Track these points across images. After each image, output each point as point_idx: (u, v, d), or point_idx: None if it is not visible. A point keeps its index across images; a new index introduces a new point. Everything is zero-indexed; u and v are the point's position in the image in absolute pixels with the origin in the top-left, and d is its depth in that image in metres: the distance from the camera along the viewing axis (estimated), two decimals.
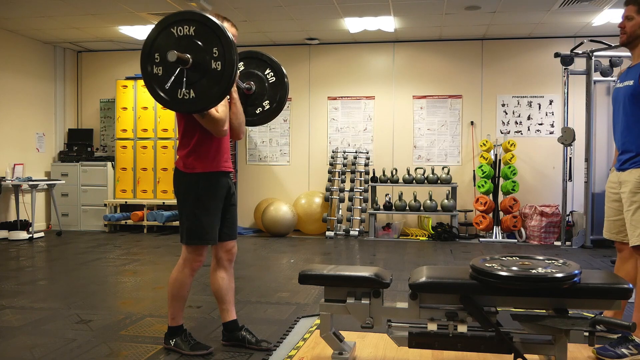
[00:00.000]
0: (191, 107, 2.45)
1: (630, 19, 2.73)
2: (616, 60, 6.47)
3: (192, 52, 2.40)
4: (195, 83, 2.41)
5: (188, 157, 2.71)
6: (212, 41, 2.39)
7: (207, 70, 2.40)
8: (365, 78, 8.06)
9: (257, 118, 3.08)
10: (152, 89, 2.46)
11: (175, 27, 2.44)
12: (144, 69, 2.47)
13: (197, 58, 2.40)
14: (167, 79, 2.41)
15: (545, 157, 7.56)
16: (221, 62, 2.38)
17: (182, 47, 2.40)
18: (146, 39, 2.48)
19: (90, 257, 5.79)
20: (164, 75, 2.43)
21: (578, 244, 6.61)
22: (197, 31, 2.41)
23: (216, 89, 2.40)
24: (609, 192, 2.90)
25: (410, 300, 2.46)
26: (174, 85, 2.42)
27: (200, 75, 2.41)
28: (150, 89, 2.47)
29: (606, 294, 2.29)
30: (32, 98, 7.94)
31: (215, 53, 2.39)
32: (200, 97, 2.42)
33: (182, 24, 2.43)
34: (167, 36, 2.44)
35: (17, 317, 3.50)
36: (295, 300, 3.96)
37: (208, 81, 2.40)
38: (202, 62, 2.40)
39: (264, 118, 3.08)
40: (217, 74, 2.39)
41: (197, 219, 2.71)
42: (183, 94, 2.42)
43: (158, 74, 2.44)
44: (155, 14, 6.61)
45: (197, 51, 2.40)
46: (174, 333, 2.85)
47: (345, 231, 7.42)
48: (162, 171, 7.86)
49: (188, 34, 2.42)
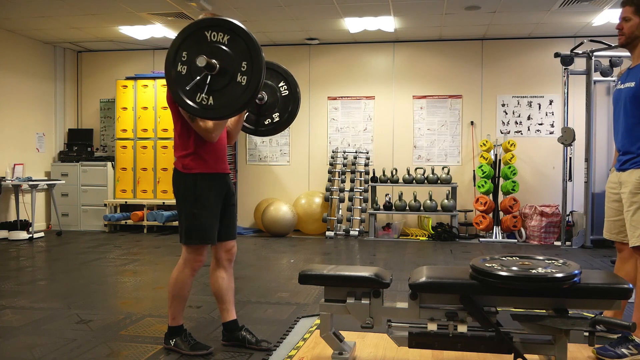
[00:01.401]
0: (205, 113, 2.43)
1: (627, 20, 2.73)
2: (616, 61, 6.47)
3: (220, 59, 2.37)
4: (216, 91, 2.39)
5: (186, 158, 2.71)
6: (243, 55, 2.37)
7: (230, 82, 2.38)
8: (365, 78, 8.06)
9: (265, 129, 3.04)
10: (173, 87, 2.43)
11: (210, 31, 2.40)
12: (169, 61, 2.43)
13: (224, 67, 2.37)
14: (189, 80, 2.39)
15: (545, 157, 7.56)
16: (247, 77, 2.36)
17: (211, 52, 2.38)
18: (179, 33, 2.46)
19: (90, 257, 5.79)
20: (187, 75, 2.41)
21: (578, 244, 6.61)
22: (231, 41, 2.38)
23: (235, 103, 2.39)
24: (609, 193, 2.90)
25: (410, 300, 2.46)
26: (195, 88, 2.39)
27: (223, 85, 2.39)
28: (170, 85, 2.44)
29: (606, 294, 2.29)
30: (32, 98, 7.94)
31: (243, 67, 2.36)
32: (217, 107, 2.40)
33: (218, 30, 2.40)
34: (199, 37, 2.41)
35: (17, 317, 3.50)
36: (295, 300, 3.96)
37: (229, 93, 2.38)
38: (228, 72, 2.38)
39: (272, 130, 3.04)
40: (240, 88, 2.37)
41: (196, 218, 2.71)
42: (202, 98, 2.40)
43: (182, 72, 2.42)
44: (155, 14, 6.61)
45: (226, 60, 2.37)
46: (174, 333, 2.85)
47: (345, 231, 7.42)
48: (162, 171, 7.86)
49: (221, 41, 2.39)
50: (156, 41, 8.01)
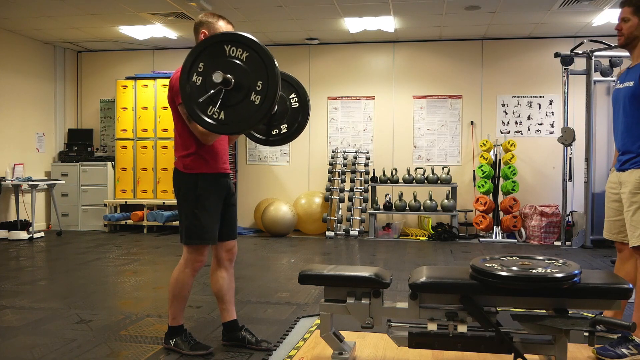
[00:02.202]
0: (215, 127, 2.42)
1: (626, 21, 2.74)
2: (616, 60, 6.47)
3: (237, 75, 2.37)
4: (228, 106, 2.39)
5: (187, 158, 2.71)
6: (260, 74, 2.35)
7: (244, 99, 2.37)
8: (365, 78, 8.07)
9: (272, 139, 2.99)
10: (186, 97, 2.43)
11: (230, 45, 2.39)
12: (185, 69, 2.42)
13: (240, 83, 2.36)
14: (203, 92, 2.39)
15: (545, 157, 7.56)
16: (261, 97, 2.35)
17: (228, 67, 2.37)
18: (199, 43, 2.45)
19: (90, 257, 5.79)
20: (202, 86, 2.40)
21: (578, 244, 6.61)
22: (250, 58, 2.37)
23: (245, 120, 2.38)
24: (609, 193, 2.90)
25: (410, 300, 2.46)
26: (208, 101, 2.39)
27: (236, 101, 2.38)
28: (183, 95, 2.44)
29: (606, 294, 2.29)
30: (32, 98, 7.94)
31: (258, 86, 2.35)
32: (227, 122, 2.40)
33: (238, 46, 2.38)
34: (218, 50, 2.40)
35: (17, 317, 3.50)
36: (295, 300, 3.96)
37: (241, 110, 2.38)
38: (242, 89, 2.37)
39: (278, 141, 2.99)
40: (253, 107, 2.36)
41: (197, 218, 2.71)
42: (213, 112, 2.39)
43: (196, 83, 2.41)
44: (155, 14, 6.61)
45: (242, 77, 2.36)
46: (174, 333, 2.85)
47: (345, 231, 7.42)
48: (162, 171, 7.86)
49: (239, 57, 2.38)
50: (156, 41, 8.01)
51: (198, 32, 2.78)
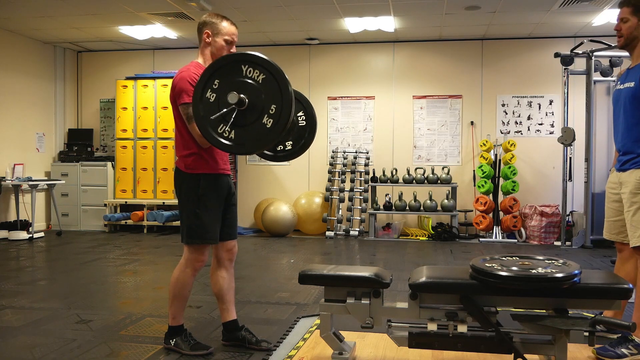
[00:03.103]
0: (223, 145, 2.42)
1: (625, 21, 2.73)
2: (616, 60, 6.47)
3: (251, 96, 2.36)
4: (239, 126, 2.39)
5: (189, 158, 2.71)
6: (274, 97, 2.35)
7: (256, 121, 2.37)
8: (365, 78, 8.07)
9: (275, 155, 2.98)
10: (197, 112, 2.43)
11: (247, 65, 2.39)
12: (200, 84, 2.42)
13: (253, 105, 2.36)
14: (215, 110, 2.39)
15: (545, 157, 7.56)
16: (273, 120, 2.35)
17: (244, 86, 2.37)
18: (216, 60, 2.45)
19: (90, 257, 5.79)
20: (215, 103, 2.40)
21: (578, 244, 6.61)
22: (266, 81, 2.36)
23: (256, 143, 2.38)
24: (609, 193, 2.90)
25: (410, 300, 2.46)
26: (220, 118, 2.39)
27: (248, 122, 2.38)
28: (195, 106, 2.44)
29: (606, 294, 2.29)
30: (32, 98, 7.94)
31: (272, 110, 2.35)
32: (237, 142, 2.40)
33: (255, 67, 2.38)
34: (235, 68, 2.40)
35: (17, 317, 3.50)
36: (295, 300, 3.96)
37: (251, 131, 2.38)
38: (255, 111, 2.37)
39: (283, 157, 2.99)
40: (264, 130, 2.37)
41: (198, 218, 2.71)
42: (224, 130, 2.39)
43: (209, 99, 2.41)
44: (155, 14, 6.61)
45: (256, 99, 2.36)
46: (174, 333, 2.85)
47: (345, 231, 7.42)
48: (162, 171, 7.86)
49: (255, 78, 2.37)
50: (156, 41, 8.01)
51: (201, 32, 2.78)
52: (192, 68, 2.69)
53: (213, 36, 2.77)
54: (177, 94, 2.64)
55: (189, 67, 2.71)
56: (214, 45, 2.77)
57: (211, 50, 2.78)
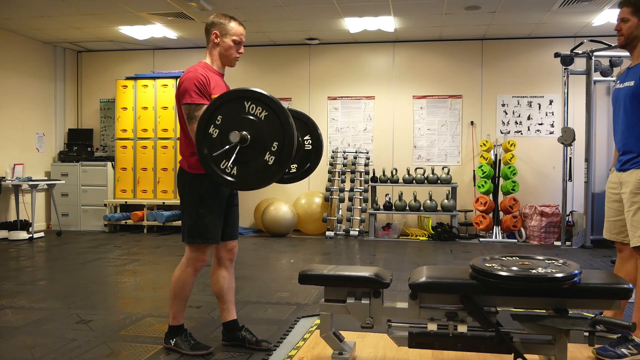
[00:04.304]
0: (225, 181, 2.43)
1: (625, 21, 2.74)
2: (616, 60, 6.47)
3: (253, 133, 2.37)
4: (241, 163, 2.40)
5: (192, 158, 2.71)
6: (276, 134, 2.36)
7: (258, 158, 2.38)
8: (365, 78, 8.06)
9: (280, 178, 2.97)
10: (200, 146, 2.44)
11: (249, 102, 2.39)
12: (203, 120, 2.43)
13: (255, 142, 2.37)
14: (219, 146, 2.39)
15: (545, 157, 7.56)
16: (275, 157, 2.36)
17: (246, 123, 2.38)
18: (219, 96, 2.46)
19: (90, 257, 5.79)
20: (218, 139, 2.41)
21: (578, 244, 6.61)
22: (268, 118, 2.37)
23: (258, 179, 2.40)
24: (609, 193, 2.90)
25: (410, 300, 2.46)
26: (222, 155, 2.40)
27: (251, 159, 2.39)
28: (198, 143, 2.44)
29: (606, 294, 2.29)
30: (32, 98, 7.94)
31: (274, 147, 2.36)
32: (240, 179, 2.41)
33: (257, 104, 2.38)
34: (238, 105, 2.40)
35: (17, 317, 3.50)
36: (295, 300, 3.96)
37: (254, 168, 2.39)
38: (257, 148, 2.38)
39: (287, 180, 2.98)
40: (266, 167, 2.38)
41: (200, 218, 2.71)
42: (227, 166, 2.41)
43: (212, 135, 2.42)
44: (155, 14, 6.61)
45: (258, 136, 2.37)
46: (174, 332, 2.85)
47: (345, 231, 7.42)
48: (162, 171, 7.86)
49: (258, 115, 2.38)
50: (156, 41, 8.00)
51: (209, 32, 2.78)
52: (199, 69, 2.69)
53: (221, 37, 2.76)
54: (182, 93, 2.64)
55: (197, 67, 2.71)
56: (222, 45, 2.77)
57: (219, 51, 2.78)
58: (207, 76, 2.67)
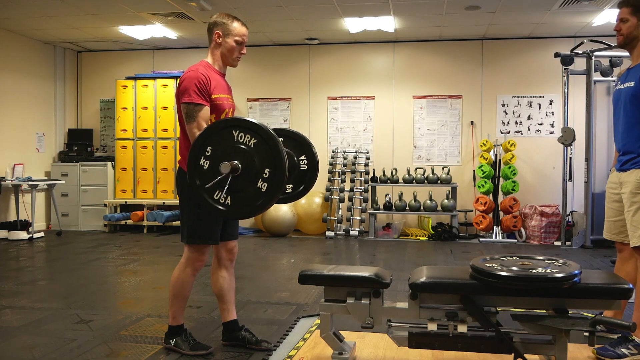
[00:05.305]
0: (221, 212, 2.43)
1: (625, 21, 2.74)
2: (616, 60, 6.47)
3: (244, 161, 2.37)
4: (234, 192, 2.40)
5: None
6: (267, 161, 2.36)
7: (250, 186, 2.38)
8: (365, 78, 8.06)
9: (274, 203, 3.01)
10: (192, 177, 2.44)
11: (238, 130, 2.39)
12: (193, 154, 2.43)
13: (246, 170, 2.37)
14: (211, 177, 2.39)
15: (545, 157, 7.56)
16: (267, 184, 2.36)
17: (236, 152, 2.37)
18: (207, 127, 2.47)
19: (90, 257, 5.79)
20: (209, 170, 2.40)
21: (578, 244, 6.61)
22: (257, 145, 2.37)
23: (252, 207, 2.40)
24: (610, 193, 2.90)
25: (410, 300, 2.46)
26: (215, 186, 2.40)
27: (243, 187, 2.39)
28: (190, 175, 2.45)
29: (606, 294, 2.29)
30: (32, 98, 7.94)
31: (265, 174, 2.36)
32: (234, 208, 2.41)
33: (246, 132, 2.38)
34: (226, 135, 2.40)
35: (17, 317, 3.50)
36: (295, 300, 3.96)
37: (247, 196, 2.39)
38: (249, 176, 2.38)
39: (282, 200, 2.97)
40: (259, 194, 2.38)
41: (199, 218, 2.71)
42: (220, 196, 2.41)
43: (203, 166, 2.42)
44: (155, 14, 6.61)
45: (249, 164, 2.37)
46: (174, 332, 2.85)
47: (345, 231, 7.42)
48: (162, 171, 7.86)
49: (247, 143, 2.38)
50: (156, 41, 8.00)
51: (212, 32, 2.77)
52: (200, 68, 2.69)
53: (224, 37, 2.75)
54: (181, 92, 2.64)
55: (198, 66, 2.71)
56: (224, 46, 2.76)
57: (222, 51, 2.78)
58: (208, 76, 2.67)
